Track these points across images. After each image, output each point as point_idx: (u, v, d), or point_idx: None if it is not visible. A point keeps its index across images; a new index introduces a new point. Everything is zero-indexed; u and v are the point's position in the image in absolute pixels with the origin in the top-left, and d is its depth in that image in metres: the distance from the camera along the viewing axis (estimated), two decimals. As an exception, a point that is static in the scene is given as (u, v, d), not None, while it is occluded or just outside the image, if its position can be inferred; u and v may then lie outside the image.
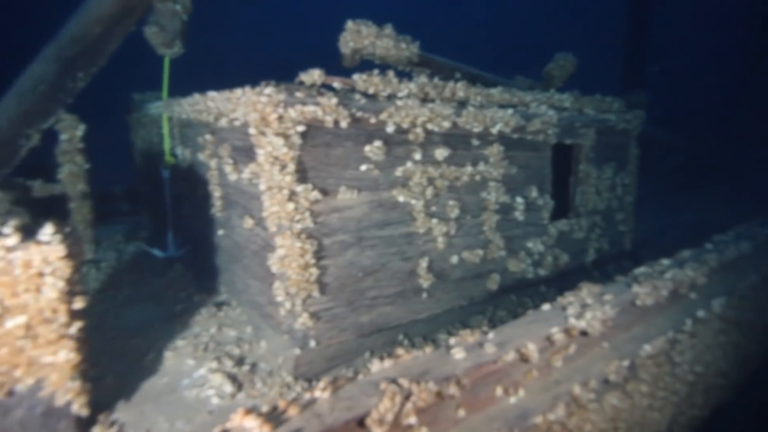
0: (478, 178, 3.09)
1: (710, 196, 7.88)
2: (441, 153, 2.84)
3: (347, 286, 2.55)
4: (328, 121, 2.26)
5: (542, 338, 1.92)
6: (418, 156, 2.74)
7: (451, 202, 2.96)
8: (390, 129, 2.56)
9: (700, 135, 10.33)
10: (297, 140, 2.20)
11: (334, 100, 2.23)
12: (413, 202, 2.75)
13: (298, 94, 2.17)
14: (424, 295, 2.94)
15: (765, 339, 3.71)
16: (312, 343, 2.41)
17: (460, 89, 2.89)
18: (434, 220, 2.88)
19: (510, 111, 3.14)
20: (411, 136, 2.68)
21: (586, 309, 2.14)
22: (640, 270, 2.72)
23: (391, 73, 2.58)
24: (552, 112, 3.47)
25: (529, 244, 3.56)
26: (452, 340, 1.80)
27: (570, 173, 4.05)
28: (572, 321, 2.03)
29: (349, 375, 2.51)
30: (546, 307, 2.22)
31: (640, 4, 10.39)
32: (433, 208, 2.90)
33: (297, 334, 2.37)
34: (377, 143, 2.53)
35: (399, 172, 2.67)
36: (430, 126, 2.73)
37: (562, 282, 3.94)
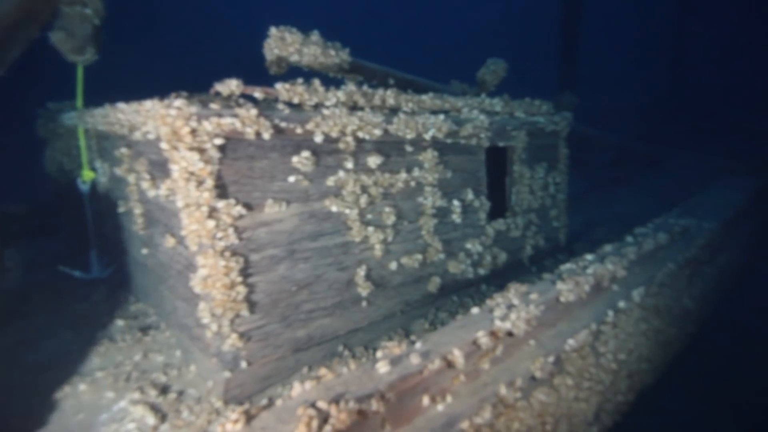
0: (413, 183, 3.12)
1: (639, 189, 8.51)
2: (374, 161, 2.83)
3: (280, 302, 2.47)
4: (249, 132, 2.18)
5: (469, 343, 1.95)
6: (349, 165, 2.71)
7: (387, 209, 2.96)
8: (318, 139, 2.51)
9: (629, 132, 11.14)
10: (215, 154, 2.10)
11: (254, 111, 2.15)
12: (347, 211, 2.72)
13: (213, 106, 2.07)
14: (364, 303, 2.92)
15: (683, 323, 4.04)
16: (243, 365, 2.32)
17: (390, 97, 2.89)
18: (370, 228, 2.86)
19: (442, 117, 3.19)
20: (341, 145, 2.65)
21: (512, 310, 2.21)
22: (566, 266, 2.85)
23: (316, 82, 2.53)
24: (483, 116, 3.57)
25: (468, 245, 3.64)
26: (378, 353, 1.79)
27: (505, 174, 4.20)
28: (498, 323, 2.09)
29: (284, 395, 2.45)
30: (475, 310, 2.27)
31: (571, 13, 11.01)
32: (369, 216, 2.88)
33: (226, 356, 2.26)
34: (305, 154, 2.47)
35: (330, 181, 2.63)
36: (360, 134, 2.71)
37: (501, 279, 4.07)
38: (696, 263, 4.25)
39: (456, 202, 3.47)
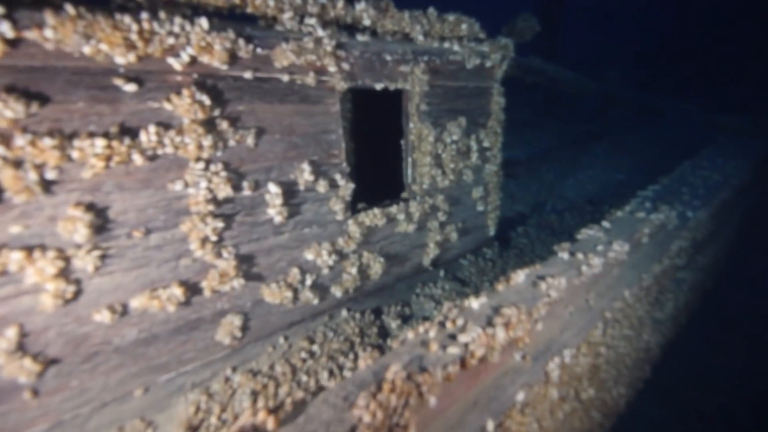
0: (140, 159, 1.60)
1: (619, 149, 7.03)
2: (20, 109, 1.30)
3: None
4: None
5: None
6: None
7: (70, 211, 1.48)
8: None
9: (616, 78, 9.42)
10: None
11: None
12: None
13: None
14: (26, 395, 1.52)
15: (638, 369, 2.75)
16: None
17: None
18: (15, 255, 1.39)
19: (205, 23, 1.61)
20: None
21: None
22: (403, 338, 1.44)
23: None
24: (324, 32, 1.98)
25: (308, 256, 2.22)
26: None
27: (399, 136, 2.69)
28: None
29: None
30: None
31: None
32: (13, 230, 1.40)
33: None
34: None
35: None
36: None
37: (382, 297, 2.69)
38: (670, 274, 2.91)
39: (273, 188, 1.99)
